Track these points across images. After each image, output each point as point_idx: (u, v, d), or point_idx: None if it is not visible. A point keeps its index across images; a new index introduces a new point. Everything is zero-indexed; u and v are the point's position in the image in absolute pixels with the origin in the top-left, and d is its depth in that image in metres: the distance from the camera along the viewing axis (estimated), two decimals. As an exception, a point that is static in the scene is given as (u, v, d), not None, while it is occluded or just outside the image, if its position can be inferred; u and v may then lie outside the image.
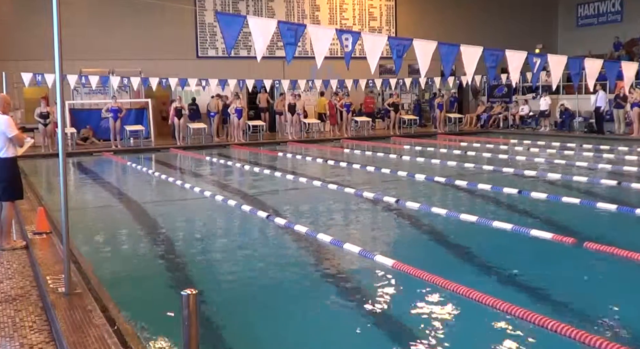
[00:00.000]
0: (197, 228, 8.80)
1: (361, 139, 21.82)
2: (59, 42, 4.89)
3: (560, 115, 22.64)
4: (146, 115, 21.06)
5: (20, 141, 6.70)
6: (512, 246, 7.15)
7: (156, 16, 22.28)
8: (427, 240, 7.64)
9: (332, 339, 4.62)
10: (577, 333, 4.24)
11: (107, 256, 7.19)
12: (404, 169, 13.17)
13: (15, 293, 5.35)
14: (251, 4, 24.59)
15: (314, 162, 16.11)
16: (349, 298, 5.44)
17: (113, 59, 21.51)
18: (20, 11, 21.21)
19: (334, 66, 19.07)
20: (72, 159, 16.87)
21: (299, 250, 7.18)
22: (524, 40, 25.14)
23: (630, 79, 10.10)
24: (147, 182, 13.64)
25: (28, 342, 4.30)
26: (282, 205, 10.00)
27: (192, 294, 3.08)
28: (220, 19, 7.27)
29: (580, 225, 7.94)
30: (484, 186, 10.63)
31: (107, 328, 4.31)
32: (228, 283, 6.00)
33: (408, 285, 5.69)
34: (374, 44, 8.06)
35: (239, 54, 23.43)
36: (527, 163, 14.34)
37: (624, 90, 19.08)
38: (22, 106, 20.87)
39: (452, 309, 5.05)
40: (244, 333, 4.74)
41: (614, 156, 15.03)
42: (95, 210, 10.15)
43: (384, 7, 26.96)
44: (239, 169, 15.17)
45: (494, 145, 18.07)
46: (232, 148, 19.79)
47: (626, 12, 27.22)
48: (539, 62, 9.14)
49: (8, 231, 6.93)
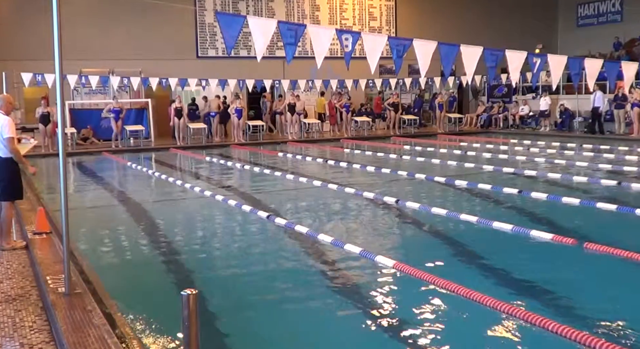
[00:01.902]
0: (197, 228, 8.80)
1: (361, 139, 21.81)
2: (59, 42, 4.89)
3: (560, 115, 22.64)
4: (146, 115, 21.07)
5: (11, 146, 6.52)
6: (512, 247, 7.14)
7: (156, 16, 22.26)
8: (427, 240, 7.64)
9: (332, 339, 4.62)
10: (577, 334, 4.23)
11: (107, 256, 7.19)
12: (404, 169, 13.18)
13: (15, 293, 5.35)
14: (251, 4, 24.59)
15: (314, 161, 16.11)
16: (349, 298, 5.43)
17: (113, 59, 21.51)
18: (20, 11, 21.21)
19: (334, 66, 19.07)
20: (72, 159, 16.89)
21: (300, 250, 7.17)
22: (524, 40, 25.12)
23: (630, 79, 10.09)
24: (147, 182, 13.63)
25: (28, 342, 4.30)
26: (282, 205, 10.00)
27: (192, 295, 3.08)
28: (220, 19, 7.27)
29: (580, 225, 7.94)
30: (484, 186, 10.63)
31: (107, 328, 4.30)
32: (228, 283, 6.00)
33: (408, 285, 5.69)
34: (374, 44, 8.06)
35: (239, 54, 23.42)
36: (527, 163, 14.35)
37: (623, 90, 19.09)
38: (22, 106, 20.87)
39: (452, 310, 5.05)
40: (244, 333, 4.73)
41: (614, 156, 15.03)
42: (95, 210, 10.14)
43: (384, 7, 26.95)
44: (239, 169, 15.17)
45: (494, 145, 18.07)
46: (232, 148, 19.79)
47: (626, 12, 27.20)
48: (539, 62, 9.14)
49: (8, 231, 6.93)
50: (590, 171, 12.68)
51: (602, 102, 20.69)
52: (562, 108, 22.55)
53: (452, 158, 14.93)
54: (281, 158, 16.98)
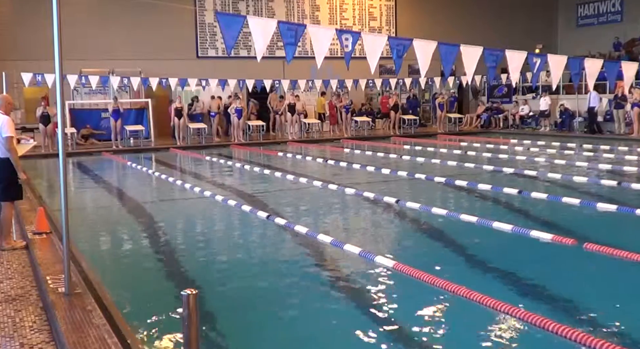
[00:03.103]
0: (197, 228, 8.80)
1: (361, 139, 21.81)
2: (59, 42, 4.89)
3: (560, 115, 22.64)
4: (146, 115, 21.07)
5: (10, 146, 6.49)
6: (512, 247, 7.14)
7: (156, 16, 22.26)
8: (427, 241, 7.64)
9: (332, 339, 4.62)
10: (577, 333, 4.23)
11: (107, 256, 7.20)
12: (404, 169, 13.18)
13: (15, 293, 5.35)
14: (251, 4, 24.59)
15: (314, 162, 16.11)
16: (349, 299, 5.43)
17: (113, 59, 21.51)
18: (20, 11, 21.21)
19: (334, 66, 19.06)
20: (72, 159, 16.88)
21: (299, 250, 7.17)
22: (524, 40, 25.12)
23: (630, 79, 10.10)
24: (147, 182, 13.63)
25: (28, 342, 4.30)
26: (282, 205, 10.00)
27: (192, 295, 3.08)
28: (220, 19, 7.27)
29: (580, 226, 7.93)
30: (484, 186, 10.62)
31: (107, 328, 4.30)
32: (228, 283, 5.99)
33: (408, 285, 5.69)
34: (374, 44, 8.06)
35: (239, 54, 23.42)
36: (527, 163, 14.35)
37: (623, 90, 19.10)
38: (22, 106, 20.87)
39: (452, 310, 5.05)
40: (244, 333, 4.74)
41: (614, 156, 15.03)
42: (95, 210, 10.15)
43: (384, 7, 26.95)
44: (239, 169, 15.16)
45: (494, 145, 18.07)
46: (232, 148, 19.79)
47: (626, 12, 27.21)
48: (539, 62, 9.14)
49: (8, 231, 6.93)
50: (590, 171, 12.68)
51: (597, 101, 20.71)
52: (562, 108, 22.54)
53: (452, 158, 14.93)
54: (281, 158, 16.98)
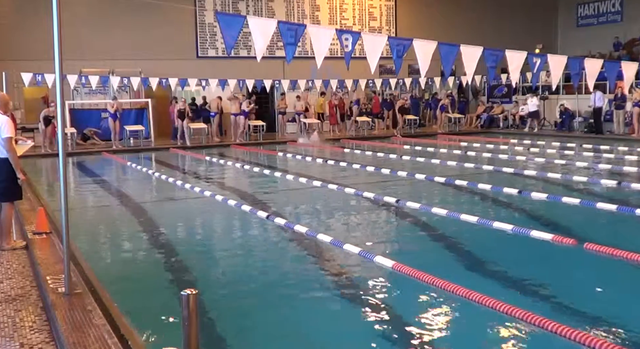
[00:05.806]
0: (197, 228, 8.80)
1: (361, 139, 21.81)
2: (59, 42, 4.89)
3: (560, 115, 22.63)
4: (146, 115, 21.07)
5: (9, 146, 6.47)
6: (512, 247, 7.14)
7: (156, 16, 22.27)
8: (427, 241, 7.62)
9: (332, 339, 4.62)
10: (577, 333, 4.23)
11: (107, 256, 7.20)
12: (404, 169, 13.18)
13: (15, 293, 5.35)
14: (251, 4, 24.59)
15: (314, 162, 16.11)
16: (348, 299, 5.43)
17: (113, 59, 21.51)
18: (20, 11, 21.21)
19: (334, 66, 19.03)
20: (72, 159, 16.88)
21: (299, 250, 7.17)
22: (524, 40, 25.12)
23: (630, 79, 10.10)
24: (147, 182, 13.63)
25: (28, 342, 4.30)
26: (282, 205, 10.00)
27: (192, 295, 3.08)
28: (220, 19, 7.27)
29: (580, 226, 7.93)
30: (484, 186, 10.62)
31: (107, 328, 4.30)
32: (228, 283, 5.99)
33: (408, 285, 5.68)
34: (374, 44, 8.07)
35: (239, 54, 23.42)
36: (527, 163, 14.34)
37: (623, 90, 19.09)
38: (22, 106, 20.87)
39: (452, 311, 5.05)
40: (244, 332, 4.73)
41: (614, 156, 15.03)
42: (95, 210, 10.15)
43: (384, 7, 26.96)
44: (239, 169, 15.17)
45: (494, 145, 18.07)
46: (232, 148, 19.79)
47: (626, 12, 27.22)
48: (539, 62, 9.14)
49: (8, 231, 6.92)
50: (590, 171, 12.68)
51: (602, 101, 20.68)
52: (562, 108, 22.53)
53: (452, 158, 14.93)
54: (281, 158, 16.97)
